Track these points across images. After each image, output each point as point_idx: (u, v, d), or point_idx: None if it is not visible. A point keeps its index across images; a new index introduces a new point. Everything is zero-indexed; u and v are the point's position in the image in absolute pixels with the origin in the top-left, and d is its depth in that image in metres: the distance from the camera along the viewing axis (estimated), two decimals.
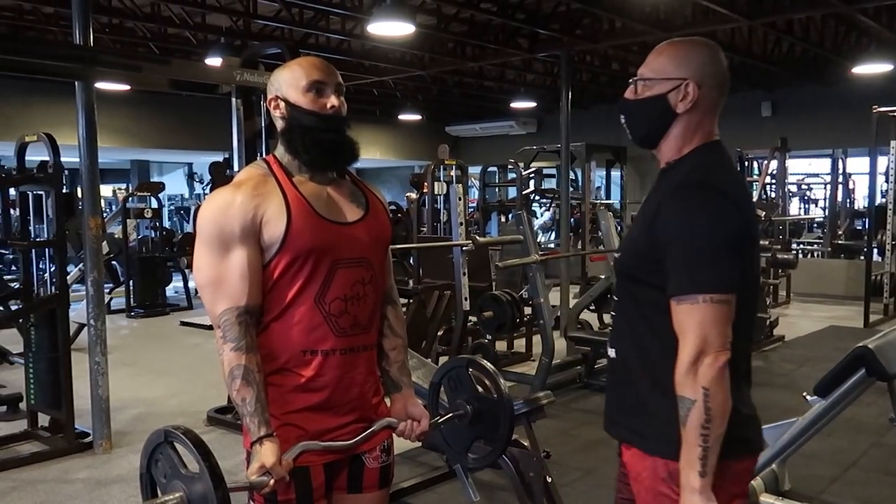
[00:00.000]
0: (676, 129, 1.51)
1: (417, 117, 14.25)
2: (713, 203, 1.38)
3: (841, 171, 12.16)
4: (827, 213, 12.32)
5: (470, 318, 5.47)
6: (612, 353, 1.55)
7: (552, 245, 12.32)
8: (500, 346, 6.44)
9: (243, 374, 1.47)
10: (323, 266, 1.55)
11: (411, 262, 7.62)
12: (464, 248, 5.05)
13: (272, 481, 1.41)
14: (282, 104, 1.59)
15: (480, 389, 1.79)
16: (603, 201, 12.50)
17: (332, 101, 1.58)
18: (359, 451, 1.63)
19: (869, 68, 8.88)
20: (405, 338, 1.79)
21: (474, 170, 11.88)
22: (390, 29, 6.34)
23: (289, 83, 1.58)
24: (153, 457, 1.38)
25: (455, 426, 1.81)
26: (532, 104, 12.41)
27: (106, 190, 16.51)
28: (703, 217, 1.36)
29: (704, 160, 1.48)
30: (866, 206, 10.55)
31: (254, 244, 1.51)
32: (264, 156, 4.93)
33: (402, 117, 14.10)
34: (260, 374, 1.49)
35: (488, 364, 1.80)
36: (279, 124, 1.61)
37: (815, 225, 13.83)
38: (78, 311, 5.21)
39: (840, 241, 11.35)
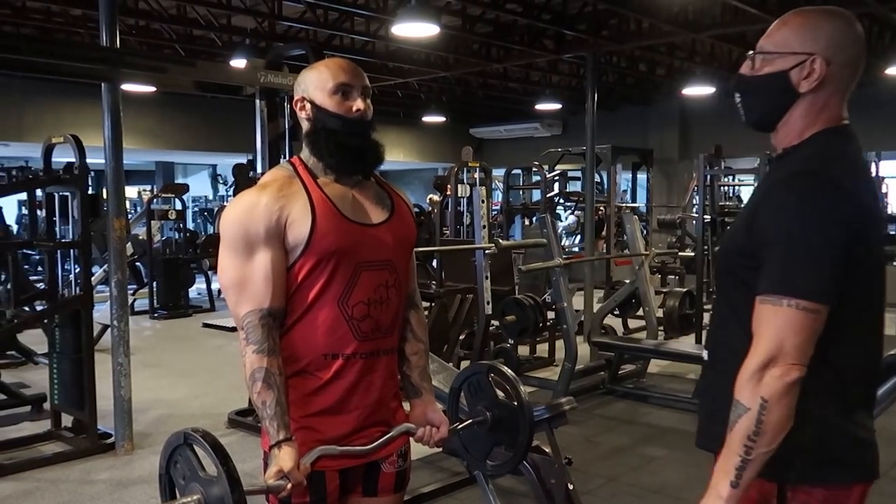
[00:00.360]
0: (797, 111, 1.35)
1: (441, 119, 14.27)
2: (826, 198, 1.22)
3: (874, 173, 11.96)
4: None
5: (492, 322, 5.46)
6: (704, 355, 1.46)
7: (576, 249, 12.26)
8: (523, 350, 6.42)
9: (264, 377, 1.48)
10: (347, 268, 1.55)
11: (434, 265, 7.63)
12: (486, 252, 5.05)
13: (289, 485, 1.42)
14: (308, 106, 1.60)
15: (501, 396, 1.79)
16: (629, 204, 12.41)
17: (359, 104, 1.58)
18: (375, 456, 1.63)
19: None
20: (427, 342, 1.78)
21: (498, 172, 11.85)
22: (415, 30, 6.35)
23: (315, 85, 1.59)
24: (172, 458, 1.40)
25: (474, 432, 1.80)
26: (557, 106, 12.35)
27: (131, 191, 16.78)
28: (812, 212, 1.21)
29: (825, 148, 1.31)
30: None
31: (278, 246, 1.52)
32: (288, 158, 4.99)
33: (425, 119, 14.13)
34: (281, 377, 1.50)
35: (508, 370, 1.80)
36: (305, 126, 1.62)
37: None
38: (102, 312, 5.29)
39: None
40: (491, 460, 1.84)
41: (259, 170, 4.80)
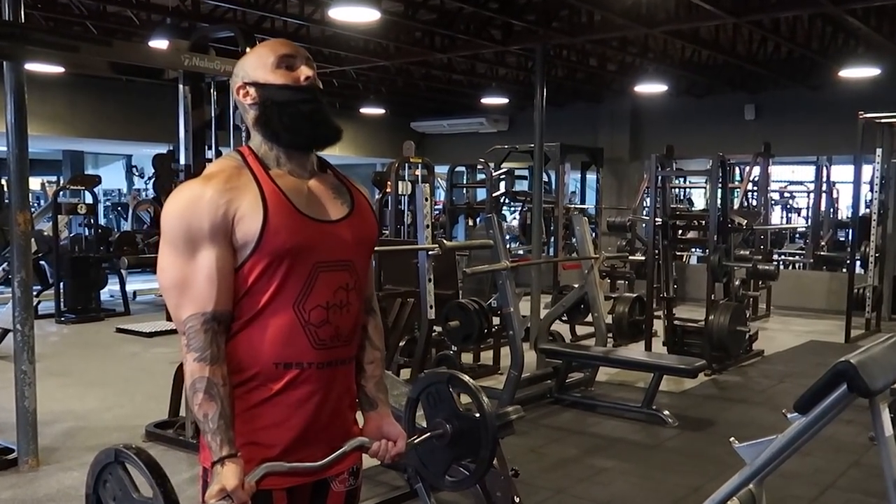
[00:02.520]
0: None
1: (381, 111, 14.25)
2: None
3: (825, 178, 12.51)
4: (809, 223, 12.66)
5: (434, 327, 5.49)
6: None
7: (522, 252, 12.42)
8: (466, 357, 6.48)
9: (206, 388, 1.44)
10: (303, 269, 1.51)
11: (373, 265, 7.62)
12: (430, 253, 5.08)
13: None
14: (251, 90, 1.57)
15: (461, 408, 1.79)
16: (577, 206, 12.65)
17: (305, 71, 1.57)
18: (326, 474, 1.61)
19: (856, 72, 9.17)
20: (384, 350, 1.77)
21: (441, 169, 11.92)
22: (353, 14, 6.36)
23: (255, 65, 1.57)
24: (101, 477, 1.36)
25: (432, 446, 1.79)
26: (504, 100, 12.51)
27: (34, 183, 16.16)
28: None
29: None
30: (850, 216, 10.86)
31: (224, 244, 1.48)
32: (214, 147, 4.90)
33: (364, 111, 14.09)
34: (225, 387, 1.46)
35: (470, 380, 1.80)
36: (251, 114, 1.58)
37: (798, 235, 14.21)
38: (2, 315, 5.11)
39: (822, 253, 11.68)
40: (450, 476, 1.84)
41: (182, 161, 4.71)
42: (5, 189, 4.30)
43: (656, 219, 7.27)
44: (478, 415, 1.75)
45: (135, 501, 1.29)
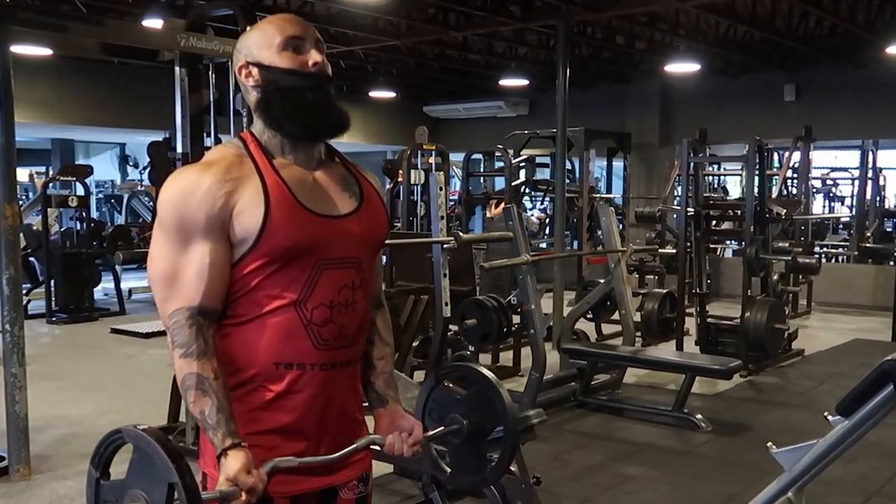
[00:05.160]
0: None
1: (391, 95, 14.25)
2: None
3: (871, 164, 12.39)
4: (854, 213, 12.56)
5: (450, 326, 5.50)
6: None
7: (544, 245, 12.41)
8: (485, 358, 6.49)
9: (197, 384, 1.46)
10: (305, 266, 1.53)
11: (383, 261, 7.64)
12: (444, 246, 5.08)
13: (243, 494, 1.40)
14: (254, 70, 1.57)
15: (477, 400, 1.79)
16: (603, 195, 12.63)
17: (314, 56, 1.56)
18: (334, 482, 1.62)
19: None
20: (393, 346, 1.78)
21: (456, 157, 11.92)
22: None
23: (260, 44, 1.57)
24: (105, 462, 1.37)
25: (448, 442, 1.81)
26: (524, 82, 12.48)
27: (22, 174, 16.30)
28: None
29: None
30: None
31: (220, 238, 1.49)
32: (213, 134, 4.91)
33: (373, 94, 14.10)
34: (218, 381, 1.47)
35: (489, 372, 1.81)
36: (253, 96, 1.58)
37: (841, 226, 14.09)
38: None
39: (868, 245, 11.58)
40: (465, 474, 1.86)
41: (179, 149, 4.74)
42: None
43: (688, 209, 7.24)
44: (498, 409, 1.74)
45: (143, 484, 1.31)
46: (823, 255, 11.56)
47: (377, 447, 1.68)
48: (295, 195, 1.53)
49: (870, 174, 12.41)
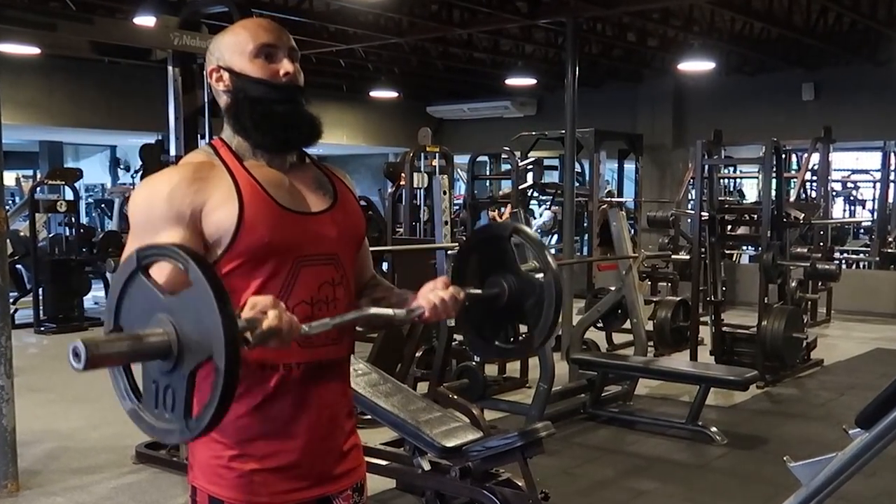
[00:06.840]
0: None
1: (393, 95, 14.29)
2: None
3: (893, 166, 12.39)
4: (875, 217, 12.54)
5: (454, 336, 5.52)
6: None
7: (553, 251, 12.42)
8: (491, 369, 6.49)
9: None
10: (284, 264, 1.57)
11: (385, 268, 7.66)
12: (449, 253, 5.11)
13: (272, 314, 1.35)
14: (225, 75, 1.62)
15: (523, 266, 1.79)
16: (614, 199, 12.63)
17: (286, 66, 1.60)
18: (328, 491, 1.66)
19: None
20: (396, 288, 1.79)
21: (461, 159, 11.94)
22: None
23: (232, 49, 1.61)
24: (125, 293, 1.33)
25: (486, 307, 1.79)
26: (531, 81, 12.51)
27: (8, 178, 16.36)
28: None
29: None
30: None
31: (190, 232, 1.52)
32: (209, 136, 4.94)
33: (374, 94, 14.14)
34: None
35: (534, 234, 1.81)
36: (223, 100, 1.64)
37: (862, 230, 14.08)
38: None
39: (890, 250, 11.56)
40: (500, 342, 1.85)
41: (172, 152, 4.77)
42: None
43: (702, 213, 7.25)
44: (541, 273, 1.73)
45: (167, 305, 1.27)
46: (843, 261, 11.54)
47: (418, 316, 1.63)
48: (269, 193, 1.58)
49: (892, 176, 12.40)
